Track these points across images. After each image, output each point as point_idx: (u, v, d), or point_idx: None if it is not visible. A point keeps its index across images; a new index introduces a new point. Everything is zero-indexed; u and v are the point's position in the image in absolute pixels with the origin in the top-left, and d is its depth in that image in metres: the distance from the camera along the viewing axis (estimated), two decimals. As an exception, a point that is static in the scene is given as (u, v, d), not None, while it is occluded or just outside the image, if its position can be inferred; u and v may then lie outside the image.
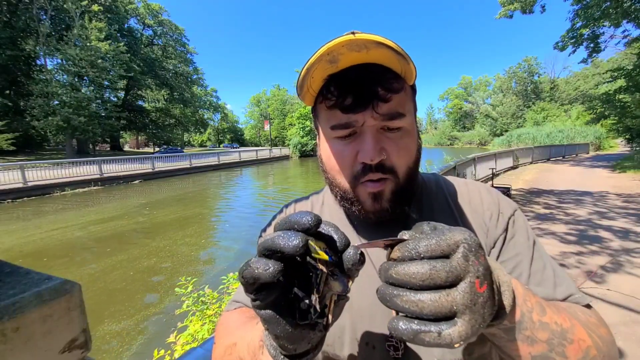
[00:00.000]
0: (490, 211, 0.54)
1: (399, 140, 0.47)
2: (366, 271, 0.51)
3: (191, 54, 42.37)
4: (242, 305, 0.58)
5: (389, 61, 0.43)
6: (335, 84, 0.45)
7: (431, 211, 0.56)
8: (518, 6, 11.05)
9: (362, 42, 0.39)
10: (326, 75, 0.45)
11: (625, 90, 12.65)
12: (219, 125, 74.68)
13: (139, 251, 6.39)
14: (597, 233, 4.56)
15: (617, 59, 29.54)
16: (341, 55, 0.41)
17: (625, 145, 19.60)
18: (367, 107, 0.44)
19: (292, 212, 0.64)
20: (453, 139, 62.07)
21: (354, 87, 0.44)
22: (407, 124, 0.48)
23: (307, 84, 0.46)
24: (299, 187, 15.74)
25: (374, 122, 0.45)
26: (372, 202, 0.49)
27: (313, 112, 0.55)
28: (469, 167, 8.17)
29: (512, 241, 0.52)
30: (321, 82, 0.46)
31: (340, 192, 0.52)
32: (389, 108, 0.45)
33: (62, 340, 0.27)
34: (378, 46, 0.40)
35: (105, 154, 27.36)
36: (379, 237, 0.54)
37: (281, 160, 34.72)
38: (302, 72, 0.44)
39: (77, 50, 23.70)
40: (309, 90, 0.47)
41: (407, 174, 0.49)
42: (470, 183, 0.61)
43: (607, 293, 2.85)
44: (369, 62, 0.44)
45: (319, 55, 0.41)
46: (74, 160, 16.13)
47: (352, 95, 0.44)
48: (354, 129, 0.47)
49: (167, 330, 2.14)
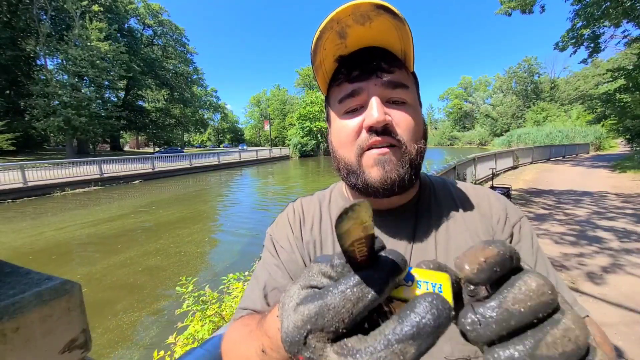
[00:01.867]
0: (498, 216, 0.55)
1: (403, 112, 0.50)
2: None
3: (191, 54, 42.39)
4: (250, 311, 0.54)
5: (389, 36, 0.47)
6: (344, 65, 0.51)
7: (440, 212, 0.56)
8: (517, 5, 11.03)
9: (364, 8, 0.43)
10: (337, 56, 0.50)
11: (626, 90, 12.65)
12: (219, 125, 74.70)
13: (144, 249, 6.49)
14: (597, 233, 4.55)
15: (617, 58, 29.52)
16: (349, 29, 0.45)
17: (626, 145, 19.60)
18: (371, 76, 0.48)
19: (299, 208, 0.63)
20: (453, 139, 62.08)
21: (360, 62, 0.49)
22: (411, 99, 0.51)
23: (320, 55, 0.49)
24: (300, 187, 15.74)
25: (379, 90, 0.48)
26: (377, 170, 0.48)
27: (326, 100, 0.58)
28: (469, 167, 8.16)
29: (517, 247, 0.52)
30: (333, 64, 0.51)
31: (346, 166, 0.52)
32: (392, 77, 0.49)
33: (62, 340, 0.27)
34: (379, 13, 0.44)
35: (105, 154, 27.37)
36: (390, 231, 0.55)
37: (281, 160, 34.65)
38: (314, 37, 0.46)
39: (77, 51, 23.70)
40: (322, 66, 0.51)
41: (412, 144, 0.50)
42: (479, 188, 0.62)
43: (607, 293, 2.85)
44: (374, 46, 0.49)
45: (328, 21, 0.44)
46: (74, 160, 16.12)
47: (359, 68, 0.49)
48: (360, 100, 0.50)
49: (167, 330, 2.13)
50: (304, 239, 0.58)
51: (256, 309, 0.53)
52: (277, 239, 0.60)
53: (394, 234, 0.54)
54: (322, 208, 0.63)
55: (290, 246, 0.58)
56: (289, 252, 0.58)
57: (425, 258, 0.51)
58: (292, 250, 0.57)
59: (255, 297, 0.54)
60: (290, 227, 0.60)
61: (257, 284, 0.56)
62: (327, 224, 0.60)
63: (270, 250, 0.60)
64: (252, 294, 0.55)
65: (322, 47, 0.47)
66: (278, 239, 0.60)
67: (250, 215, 9.84)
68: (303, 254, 0.57)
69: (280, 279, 0.55)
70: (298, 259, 0.56)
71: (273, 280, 0.55)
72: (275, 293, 0.54)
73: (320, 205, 0.63)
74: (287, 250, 0.58)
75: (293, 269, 0.56)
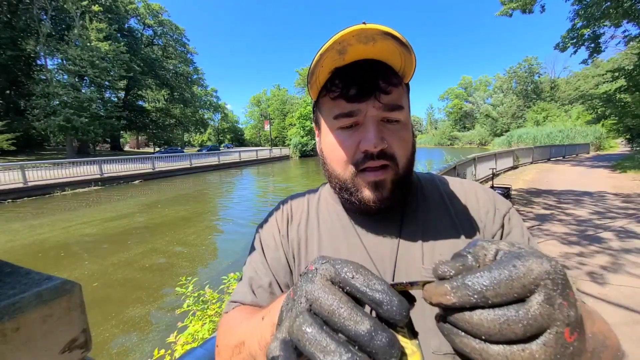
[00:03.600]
0: (487, 208, 0.56)
1: (398, 132, 0.50)
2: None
3: (191, 54, 42.40)
4: (240, 304, 0.57)
5: (391, 56, 0.47)
6: (340, 77, 0.49)
7: (427, 209, 0.57)
8: (517, 6, 11.03)
9: (371, 32, 0.42)
10: (332, 68, 0.48)
11: (626, 90, 12.65)
12: (219, 125, 74.67)
13: (148, 247, 6.60)
14: (597, 233, 4.55)
15: (617, 59, 29.52)
16: (349, 47, 0.44)
17: (626, 145, 19.59)
18: (369, 97, 0.48)
19: (288, 206, 0.64)
20: (453, 139, 62.05)
21: (358, 79, 0.48)
22: (405, 117, 0.51)
23: (316, 73, 0.48)
24: (301, 188, 15.74)
25: (376, 112, 0.48)
26: (372, 191, 0.50)
27: (315, 106, 0.58)
28: (469, 167, 8.16)
29: (509, 237, 0.53)
30: (327, 75, 0.50)
31: (339, 182, 0.53)
32: (390, 99, 0.48)
33: (62, 340, 0.27)
34: (384, 38, 0.43)
35: (105, 154, 27.37)
36: (377, 230, 0.55)
37: (281, 160, 34.66)
38: (314, 59, 0.46)
39: (78, 51, 23.71)
40: (316, 81, 0.50)
41: (406, 164, 0.52)
42: (466, 182, 0.63)
43: (607, 293, 2.85)
44: (372, 59, 0.48)
45: (330, 44, 0.43)
46: (74, 160, 16.13)
47: (357, 86, 0.48)
48: (356, 119, 0.49)
49: (167, 329, 2.14)
50: (289, 237, 0.60)
51: (245, 301, 0.55)
52: (263, 237, 0.62)
53: (380, 233, 0.55)
54: (310, 207, 0.63)
55: (275, 244, 0.60)
56: (274, 249, 0.59)
57: (411, 257, 0.52)
58: (276, 248, 0.59)
59: (244, 291, 0.56)
60: (277, 225, 0.62)
61: (244, 280, 0.59)
62: (313, 223, 0.60)
63: (257, 246, 0.61)
64: (241, 288, 0.57)
65: (320, 65, 0.46)
66: (265, 237, 0.62)
67: (252, 214, 9.85)
68: (287, 252, 0.59)
69: (264, 276, 0.57)
70: (282, 257, 0.58)
71: (258, 278, 0.57)
72: (260, 291, 0.56)
73: (308, 204, 0.64)
74: (271, 248, 0.59)
75: (276, 266, 0.58)
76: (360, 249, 0.54)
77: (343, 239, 0.56)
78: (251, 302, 0.55)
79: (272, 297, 0.55)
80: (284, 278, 0.57)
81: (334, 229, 0.58)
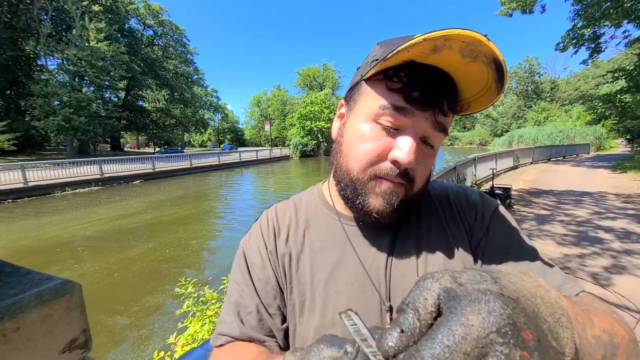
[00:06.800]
0: (475, 210, 0.55)
1: (427, 158, 0.48)
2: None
3: (192, 54, 42.43)
4: (231, 339, 0.52)
5: (473, 83, 0.43)
6: (413, 72, 0.43)
7: (419, 217, 0.56)
8: (517, 6, 11.01)
9: (482, 50, 0.38)
10: (411, 59, 0.42)
11: (626, 91, 12.64)
12: (220, 125, 74.67)
13: (151, 245, 6.73)
14: (598, 234, 4.55)
15: (618, 59, 29.52)
16: (447, 50, 0.39)
17: (626, 145, 19.62)
18: (428, 109, 0.44)
19: (273, 217, 0.59)
20: (453, 139, 61.99)
21: (430, 86, 0.43)
22: (439, 144, 0.49)
23: (397, 55, 0.40)
24: (301, 188, 15.72)
25: (424, 127, 0.45)
26: (380, 201, 0.47)
27: (353, 88, 0.51)
28: (469, 167, 8.16)
29: (496, 234, 0.52)
30: (400, 62, 0.43)
31: (348, 177, 0.49)
32: (443, 121, 0.46)
33: (63, 341, 0.27)
34: (487, 63, 0.39)
35: (105, 154, 27.38)
36: (371, 238, 0.54)
37: (281, 160, 34.66)
38: (408, 41, 0.38)
39: (77, 51, 23.73)
40: (389, 60, 0.41)
41: (419, 190, 0.50)
42: (454, 185, 0.62)
43: (607, 293, 2.85)
44: (452, 74, 0.43)
45: (437, 35, 0.36)
46: (75, 161, 16.13)
47: (424, 92, 0.43)
48: (401, 123, 0.45)
49: (167, 329, 2.14)
50: (278, 253, 0.55)
51: (233, 335, 0.52)
52: (248, 254, 0.57)
53: (374, 242, 0.53)
54: (298, 215, 0.58)
55: (262, 262, 0.55)
56: (260, 268, 0.54)
57: (405, 268, 0.51)
58: (263, 267, 0.54)
59: (230, 321, 0.53)
60: (264, 239, 0.56)
61: (229, 305, 0.55)
62: (303, 233, 0.56)
63: (241, 265, 0.56)
64: (228, 317, 0.54)
65: (407, 50, 0.39)
66: (249, 254, 0.57)
67: (252, 213, 9.86)
68: (277, 269, 0.54)
69: (250, 300, 0.53)
70: (270, 277, 0.54)
71: (245, 305, 0.53)
72: (249, 318, 0.52)
73: (296, 211, 0.59)
74: (258, 267, 0.55)
75: (262, 288, 0.54)
76: (353, 259, 0.52)
77: (335, 249, 0.53)
78: (240, 334, 0.51)
79: (261, 323, 0.52)
80: (274, 300, 0.53)
81: (326, 238, 0.55)
